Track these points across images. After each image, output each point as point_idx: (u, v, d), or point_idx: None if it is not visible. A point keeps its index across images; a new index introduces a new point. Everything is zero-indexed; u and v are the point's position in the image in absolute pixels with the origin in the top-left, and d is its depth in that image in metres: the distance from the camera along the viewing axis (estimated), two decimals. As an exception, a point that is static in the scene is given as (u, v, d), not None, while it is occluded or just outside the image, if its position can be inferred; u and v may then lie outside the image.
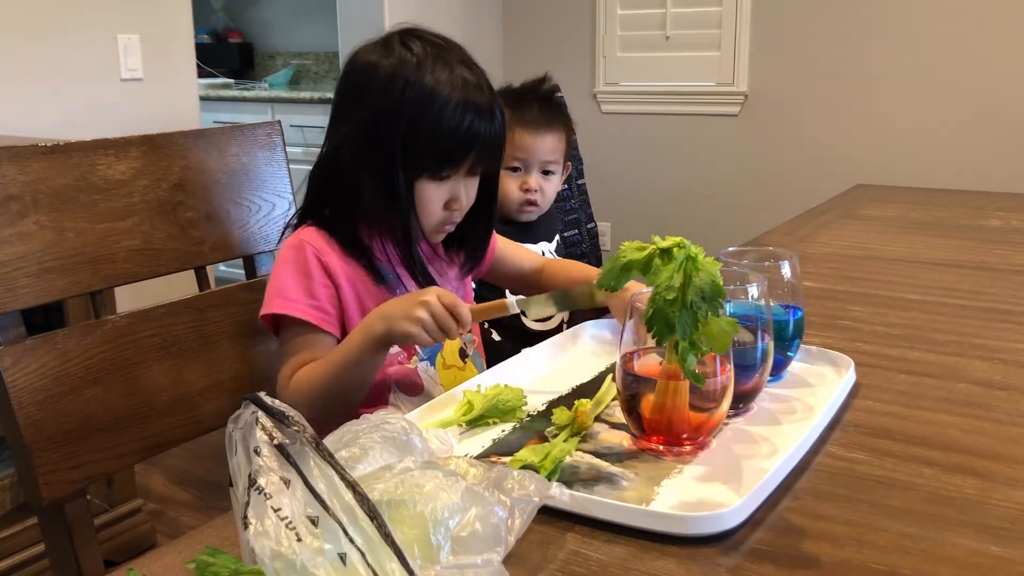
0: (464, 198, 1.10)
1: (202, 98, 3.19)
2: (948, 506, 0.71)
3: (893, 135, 3.14)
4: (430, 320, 0.94)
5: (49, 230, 0.99)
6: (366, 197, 1.08)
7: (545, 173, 1.66)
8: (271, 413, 0.57)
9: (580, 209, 2.27)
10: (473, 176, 1.11)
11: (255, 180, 1.24)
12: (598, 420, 0.86)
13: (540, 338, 1.12)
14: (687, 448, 0.79)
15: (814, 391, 0.93)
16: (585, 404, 0.85)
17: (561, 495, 0.65)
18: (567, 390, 0.96)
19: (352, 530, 0.52)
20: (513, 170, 1.63)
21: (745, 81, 3.38)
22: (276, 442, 0.56)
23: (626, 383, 0.80)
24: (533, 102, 1.66)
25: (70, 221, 1.01)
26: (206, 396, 1.13)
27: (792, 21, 3.26)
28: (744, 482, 0.74)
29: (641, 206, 3.63)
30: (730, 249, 1.02)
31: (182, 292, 1.14)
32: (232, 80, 4.72)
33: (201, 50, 3.36)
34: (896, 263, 1.50)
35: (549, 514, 0.67)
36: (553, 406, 0.89)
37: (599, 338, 1.12)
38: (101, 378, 1.02)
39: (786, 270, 0.95)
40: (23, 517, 1.83)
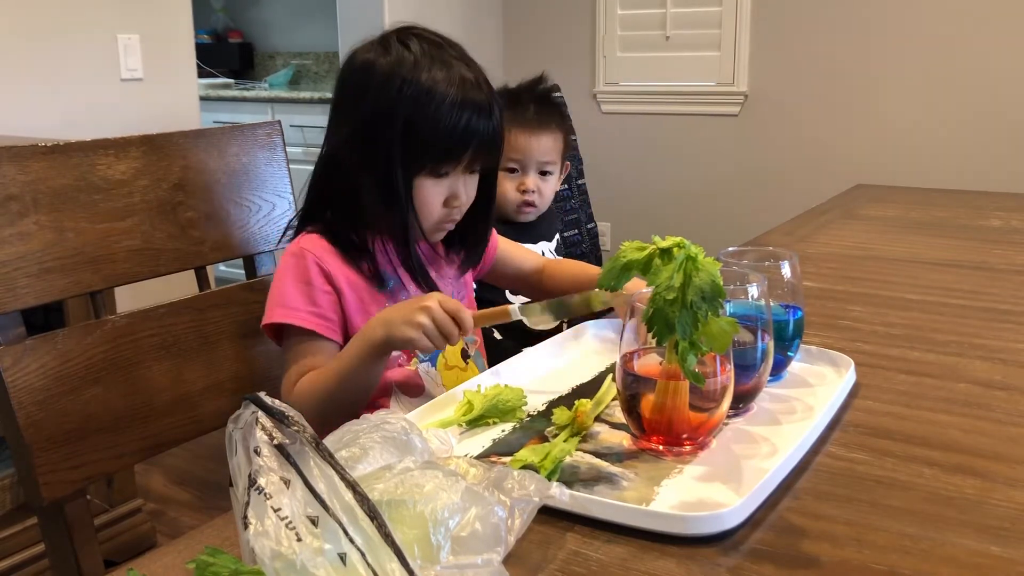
0: (463, 195, 1.10)
1: (202, 98, 3.19)
2: (948, 506, 0.71)
3: (893, 135, 3.14)
4: (431, 325, 0.94)
5: (49, 230, 0.99)
6: (366, 197, 1.08)
7: (542, 174, 1.65)
8: (271, 413, 0.57)
9: (580, 209, 2.27)
10: (472, 173, 1.11)
11: (255, 180, 1.24)
12: (598, 420, 0.86)
13: (542, 337, 1.12)
14: (687, 448, 0.79)
15: (814, 391, 0.93)
16: (585, 404, 0.85)
17: (561, 495, 0.65)
18: (567, 390, 0.96)
19: (352, 530, 0.52)
20: (510, 171, 1.62)
21: (745, 81, 3.38)
22: (276, 442, 0.56)
23: (626, 383, 0.80)
24: (529, 102, 1.65)
25: (70, 221, 1.01)
26: (206, 396, 1.13)
27: (792, 21, 3.26)
28: (744, 482, 0.74)
29: (641, 206, 3.63)
30: (730, 249, 1.02)
31: (182, 292, 1.14)
32: (232, 80, 4.72)
33: (201, 50, 3.36)
34: (896, 263, 1.50)
35: (549, 514, 0.67)
36: (553, 406, 0.89)
37: (601, 337, 1.11)
38: (101, 378, 1.02)
39: (786, 270, 0.95)
40: (23, 517, 1.83)
